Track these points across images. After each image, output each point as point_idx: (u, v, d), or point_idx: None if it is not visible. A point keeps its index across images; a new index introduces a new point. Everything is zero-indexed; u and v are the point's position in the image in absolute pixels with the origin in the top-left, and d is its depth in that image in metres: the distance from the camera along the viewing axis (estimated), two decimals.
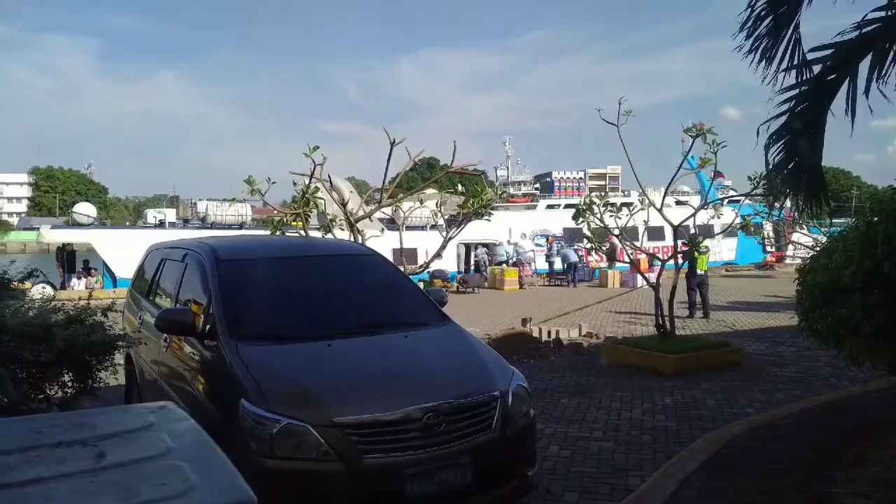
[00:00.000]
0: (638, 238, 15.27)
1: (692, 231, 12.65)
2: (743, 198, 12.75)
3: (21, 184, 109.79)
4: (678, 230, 10.56)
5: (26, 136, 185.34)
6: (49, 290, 19.24)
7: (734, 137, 9.33)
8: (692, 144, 10.24)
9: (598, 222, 10.91)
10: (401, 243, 11.53)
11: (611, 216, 10.96)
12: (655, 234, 19.70)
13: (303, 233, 10.37)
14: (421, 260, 16.76)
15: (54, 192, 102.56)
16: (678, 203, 29.93)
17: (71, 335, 5.16)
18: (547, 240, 30.84)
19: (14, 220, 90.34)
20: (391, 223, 23.97)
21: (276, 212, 12.14)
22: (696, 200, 34.07)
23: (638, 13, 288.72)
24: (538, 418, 5.68)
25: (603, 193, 13.29)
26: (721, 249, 32.58)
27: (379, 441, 3.83)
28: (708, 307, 15.40)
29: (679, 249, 11.08)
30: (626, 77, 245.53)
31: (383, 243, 10.76)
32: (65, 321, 5.42)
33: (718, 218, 12.16)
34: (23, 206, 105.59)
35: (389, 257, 6.96)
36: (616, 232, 10.91)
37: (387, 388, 4.15)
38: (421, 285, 6.85)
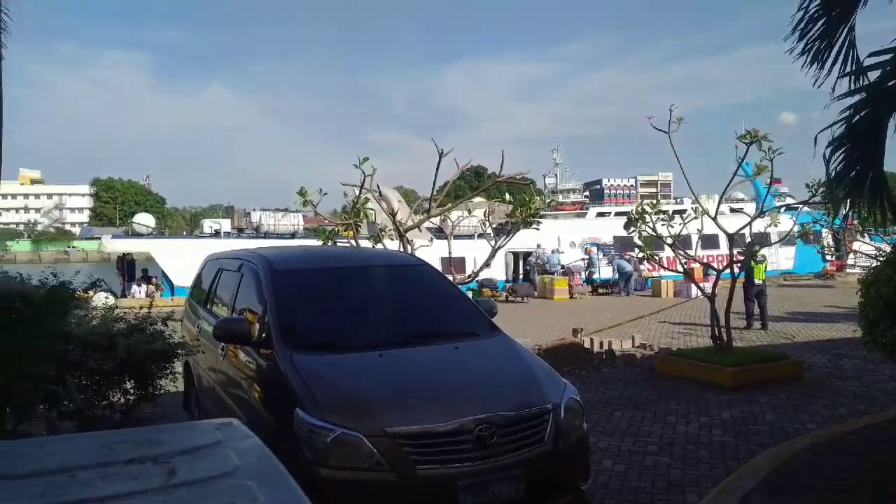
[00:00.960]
0: (691, 247, 15.00)
1: (748, 240, 12.33)
2: (801, 205, 12.40)
3: (83, 195, 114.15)
4: (733, 239, 10.32)
5: (88, 148, 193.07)
6: (111, 300, 19.84)
7: (791, 143, 9.09)
8: (746, 151, 10.00)
9: (650, 231, 10.73)
10: (449, 252, 11.55)
11: (663, 225, 10.77)
12: (709, 242, 19.31)
13: (353, 243, 10.49)
14: (469, 269, 16.76)
15: (114, 202, 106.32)
16: (732, 211, 29.26)
17: (132, 344, 5.32)
18: (586, 251, 30.11)
19: (76, 230, 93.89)
20: (439, 232, 24.04)
21: (327, 222, 12.32)
22: (751, 208, 33.30)
23: (690, 17, 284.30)
24: (591, 431, 5.60)
25: (655, 201, 13.05)
26: (778, 258, 31.69)
27: (431, 452, 3.83)
28: (766, 318, 14.98)
29: (735, 258, 10.82)
30: (679, 82, 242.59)
31: (432, 252, 10.82)
32: (126, 330, 5.59)
33: (776, 226, 11.83)
34: (84, 217, 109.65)
35: (438, 266, 6.99)
36: (668, 240, 10.72)
37: (439, 399, 4.15)
38: (469, 294, 6.85)
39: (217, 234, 31.15)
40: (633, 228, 10.86)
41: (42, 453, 1.74)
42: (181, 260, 24.46)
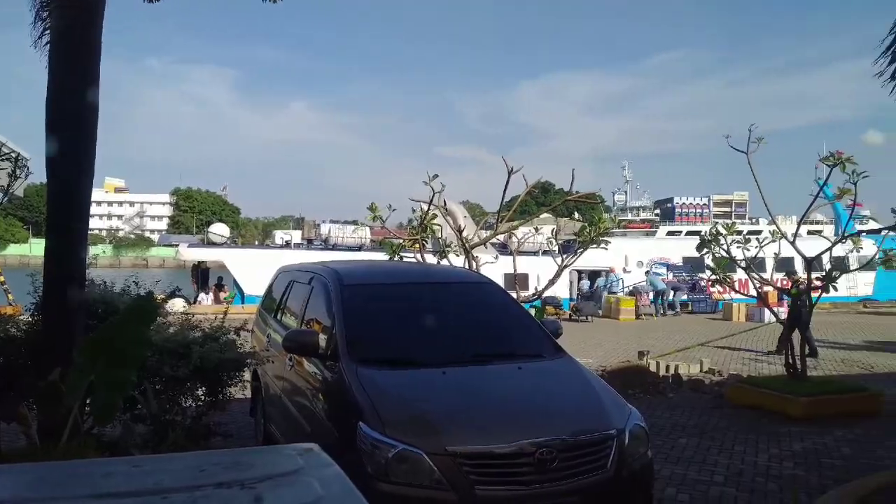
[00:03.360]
0: (765, 269, 14.51)
1: (826, 264, 11.84)
2: (887, 230, 11.85)
3: (163, 203, 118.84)
4: (812, 263, 9.94)
5: (169, 159, 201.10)
6: (185, 307, 20.51)
7: (877, 163, 8.73)
8: (829, 174, 9.65)
9: (724, 252, 10.45)
10: (514, 269, 11.52)
11: (738, 246, 10.47)
12: (785, 265, 18.64)
13: (419, 257, 10.60)
14: (532, 285, 16.66)
15: (192, 211, 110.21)
16: (810, 233, 28.20)
17: (206, 352, 5.50)
18: (609, 271, 28.28)
19: (155, 237, 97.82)
20: (503, 248, 23.98)
21: (394, 235, 12.48)
22: (829, 230, 31.99)
23: (769, 35, 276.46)
24: (655, 458, 5.49)
25: (731, 222, 12.67)
26: (857, 284, 30.34)
27: (491, 473, 3.84)
28: (812, 345, 14.28)
29: (809, 284, 10.41)
30: (756, 100, 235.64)
31: (495, 268, 10.81)
32: (201, 338, 5.78)
33: (858, 251, 11.34)
34: (163, 224, 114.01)
35: (501, 282, 7.01)
36: (742, 263, 10.41)
37: (500, 420, 4.15)
38: (532, 312, 6.81)
39: (287, 244, 31.93)
40: (706, 250, 10.59)
41: (137, 472, 1.82)
42: (252, 269, 25.18)
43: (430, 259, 10.65)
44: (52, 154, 4.69)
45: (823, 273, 10.21)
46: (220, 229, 32.94)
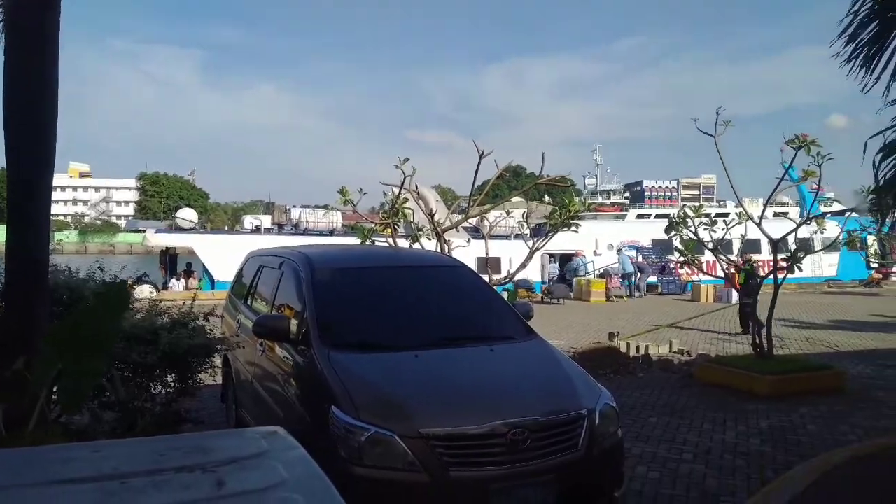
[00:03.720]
0: (732, 251, 14.76)
1: (791, 245, 12.07)
2: (849, 212, 12.10)
3: (129, 188, 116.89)
4: (777, 244, 10.12)
5: (135, 143, 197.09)
6: (154, 293, 20.28)
7: (840, 147, 8.89)
8: (794, 157, 9.81)
9: (691, 235, 10.59)
10: (486, 253, 11.55)
11: (705, 229, 10.62)
12: (751, 247, 18.96)
13: (391, 242, 10.56)
14: (505, 269, 16.72)
15: (159, 196, 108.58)
16: (776, 216, 28.65)
17: (175, 338, 5.44)
18: (570, 256, 28.83)
19: (122, 223, 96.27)
20: (475, 232, 24.01)
21: (365, 220, 12.42)
22: (795, 212, 32.54)
23: (738, 18, 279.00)
24: (625, 437, 5.56)
25: (699, 204, 12.84)
26: (821, 265, 30.99)
27: (464, 454, 3.85)
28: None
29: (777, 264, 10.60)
30: (724, 85, 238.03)
31: (468, 252, 10.82)
32: (170, 325, 5.71)
33: (822, 233, 11.56)
34: (130, 210, 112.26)
35: (474, 266, 7.00)
36: (710, 245, 10.57)
37: (472, 402, 4.17)
38: (505, 295, 6.83)
39: (257, 229, 31.59)
40: (674, 232, 10.73)
41: (97, 457, 1.79)
42: (221, 255, 24.92)
43: (403, 243, 10.62)
44: (10, 140, 4.57)
45: (789, 254, 10.42)
46: (188, 214, 32.51)
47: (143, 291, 18.17)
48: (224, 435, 2.21)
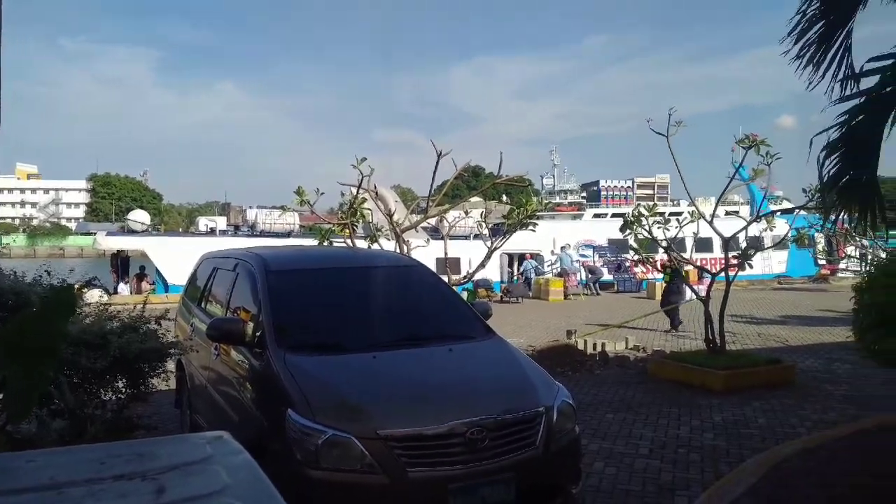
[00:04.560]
0: (686, 250, 15.04)
1: (742, 243, 12.36)
2: (798, 209, 12.43)
3: (80, 190, 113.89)
4: (728, 242, 10.35)
5: (86, 143, 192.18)
6: (104, 297, 19.77)
7: (790, 146, 9.09)
8: (744, 156, 10.04)
9: (646, 233, 10.76)
10: (445, 253, 11.55)
11: (659, 227, 10.80)
12: (704, 245, 19.36)
13: (349, 242, 10.48)
14: (464, 269, 16.75)
15: (111, 198, 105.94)
16: (727, 214, 29.29)
17: (125, 343, 5.31)
18: (524, 257, 29.18)
19: (72, 225, 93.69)
20: (434, 232, 24.04)
21: (323, 221, 12.30)
22: (746, 211, 33.34)
23: (694, 20, 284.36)
24: (583, 433, 5.62)
25: (653, 204, 13.07)
26: (771, 262, 31.78)
27: (423, 455, 3.84)
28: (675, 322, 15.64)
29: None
30: (679, 85, 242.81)
31: (427, 253, 10.81)
32: (120, 329, 5.58)
33: (771, 230, 11.86)
34: (80, 212, 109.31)
35: (433, 267, 6.99)
36: (664, 243, 10.76)
37: (431, 402, 4.16)
38: (465, 295, 6.84)
39: (212, 231, 31.02)
40: (629, 231, 10.89)
41: (32, 467, 1.73)
42: (175, 258, 24.38)
43: (361, 244, 10.55)
44: None
45: (740, 252, 10.66)
46: (139, 216, 31.71)
47: (93, 296, 17.71)
48: (168, 441, 2.17)
